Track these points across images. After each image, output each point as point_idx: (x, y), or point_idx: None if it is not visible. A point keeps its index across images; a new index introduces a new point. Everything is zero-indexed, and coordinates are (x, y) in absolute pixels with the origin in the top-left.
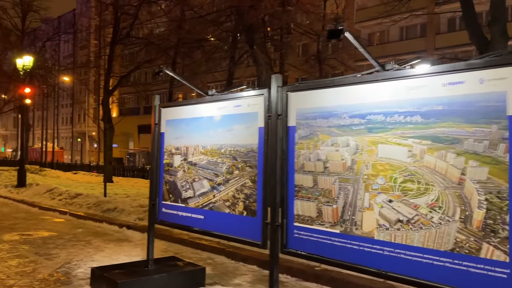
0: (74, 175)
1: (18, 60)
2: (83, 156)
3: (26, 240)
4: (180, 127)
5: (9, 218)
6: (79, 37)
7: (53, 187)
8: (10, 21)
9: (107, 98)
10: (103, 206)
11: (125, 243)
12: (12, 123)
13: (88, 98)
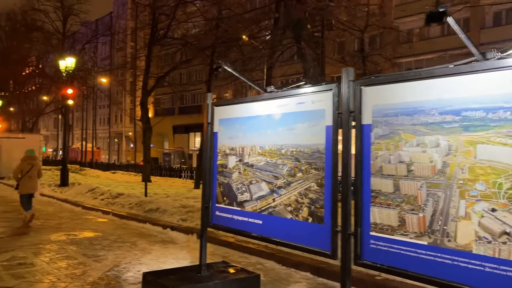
0: (113, 175)
1: (61, 62)
2: (119, 156)
3: (73, 241)
4: (235, 126)
5: (55, 217)
6: (116, 39)
7: (95, 186)
8: (52, 24)
9: (146, 99)
10: (145, 206)
11: (171, 245)
12: (53, 124)
13: (125, 99)
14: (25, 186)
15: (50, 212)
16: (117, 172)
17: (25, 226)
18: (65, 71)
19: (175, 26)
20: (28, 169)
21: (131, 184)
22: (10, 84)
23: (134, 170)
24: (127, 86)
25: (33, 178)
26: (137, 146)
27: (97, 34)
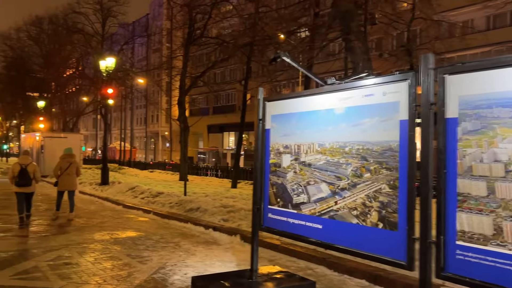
0: (151, 173)
1: (101, 62)
2: (156, 155)
3: (116, 240)
4: (290, 123)
5: (97, 216)
6: (152, 40)
7: (135, 185)
8: (92, 26)
9: (183, 98)
10: (186, 205)
11: (214, 246)
12: (92, 124)
13: (161, 99)
14: (64, 183)
15: (92, 211)
16: (154, 171)
17: (57, 220)
18: (105, 71)
19: (211, 26)
20: (66, 166)
21: (169, 183)
22: (52, 86)
23: (171, 169)
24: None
25: (71, 176)
26: (173, 145)
27: (134, 35)
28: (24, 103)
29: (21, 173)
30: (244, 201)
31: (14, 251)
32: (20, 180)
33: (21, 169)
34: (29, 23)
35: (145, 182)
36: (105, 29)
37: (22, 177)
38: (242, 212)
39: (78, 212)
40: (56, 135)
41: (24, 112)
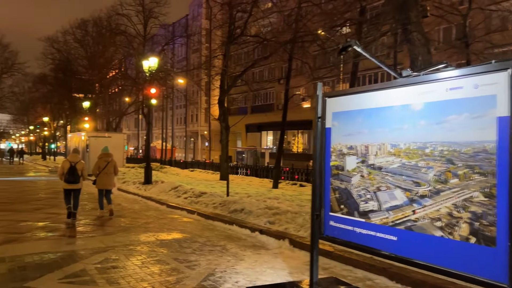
0: (191, 172)
1: (144, 62)
2: (195, 154)
3: (162, 243)
4: (356, 121)
5: (141, 216)
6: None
7: (177, 184)
8: (134, 28)
9: (223, 98)
10: (230, 206)
11: (263, 251)
12: (133, 124)
13: (201, 99)
14: (102, 182)
15: (137, 210)
16: (195, 170)
17: (103, 219)
18: (148, 71)
19: (250, 24)
20: (104, 166)
21: (210, 182)
22: (96, 87)
23: (211, 168)
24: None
25: (109, 175)
26: (212, 144)
27: (174, 36)
28: (70, 104)
29: (70, 171)
30: (288, 202)
31: (62, 252)
32: (69, 177)
33: (70, 166)
34: (75, 26)
35: (187, 181)
36: (146, 30)
37: (71, 174)
38: (289, 215)
39: (123, 211)
40: (100, 135)
41: (70, 113)
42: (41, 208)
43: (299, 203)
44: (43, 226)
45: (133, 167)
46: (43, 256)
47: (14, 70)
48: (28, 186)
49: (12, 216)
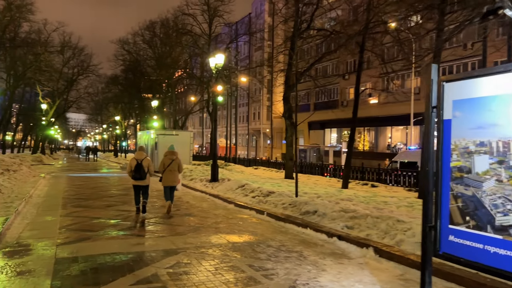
0: (255, 170)
1: (210, 60)
2: (257, 152)
3: (234, 246)
4: (488, 110)
5: (210, 215)
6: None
7: (244, 183)
8: (199, 27)
9: (288, 94)
10: (301, 207)
11: (345, 261)
12: (198, 122)
13: (263, 97)
14: (167, 179)
15: (205, 209)
16: (259, 168)
17: (171, 217)
18: (215, 68)
19: (316, 17)
20: (169, 163)
21: (276, 181)
22: (163, 87)
23: (274, 166)
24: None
25: (173, 172)
26: (274, 142)
27: (237, 34)
28: (140, 103)
29: (137, 167)
30: (364, 205)
31: (134, 253)
32: (136, 173)
33: (137, 163)
34: (143, 27)
35: (252, 179)
36: (211, 29)
37: (138, 171)
38: (369, 220)
39: (192, 210)
40: (168, 133)
41: (139, 112)
42: (113, 205)
43: (375, 205)
44: (115, 224)
45: (199, 165)
46: (115, 257)
47: (88, 72)
48: (101, 183)
49: (86, 213)
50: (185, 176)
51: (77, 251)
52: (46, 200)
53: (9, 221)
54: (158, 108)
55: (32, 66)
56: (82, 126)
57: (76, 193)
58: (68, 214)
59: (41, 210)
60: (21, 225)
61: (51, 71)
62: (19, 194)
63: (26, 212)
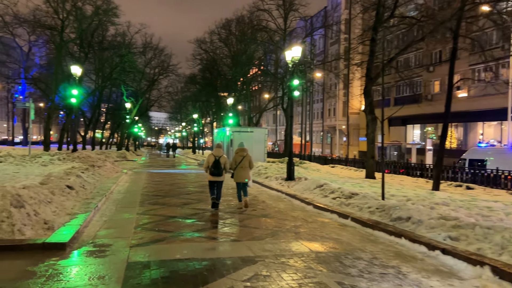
0: (332, 169)
1: (287, 53)
2: (332, 149)
3: (318, 256)
4: None
5: (288, 217)
6: (332, 31)
7: (322, 182)
8: (275, 22)
9: (370, 87)
10: (391, 212)
11: (456, 282)
12: (272, 119)
13: (338, 92)
14: (238, 175)
15: (282, 210)
16: (335, 166)
17: (248, 218)
18: (291, 62)
19: (401, 5)
20: (240, 160)
21: (356, 180)
22: (238, 85)
23: (353, 165)
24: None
25: (244, 169)
26: (350, 139)
27: (313, 28)
28: (216, 101)
29: (215, 164)
30: (465, 210)
31: (208, 261)
32: (214, 170)
33: (215, 160)
34: (220, 26)
35: (330, 178)
36: (286, 24)
37: (216, 167)
38: (478, 230)
39: (268, 210)
40: (243, 130)
41: (216, 110)
42: (189, 203)
43: (478, 212)
44: (190, 224)
45: (274, 162)
46: (188, 264)
47: (168, 72)
48: (178, 179)
49: (162, 211)
50: (260, 174)
51: (150, 254)
52: (126, 196)
53: (88, 218)
54: (233, 105)
55: (117, 67)
56: (163, 124)
57: (155, 189)
58: (145, 211)
59: (119, 207)
60: (99, 222)
61: (134, 72)
62: (100, 190)
63: (105, 208)
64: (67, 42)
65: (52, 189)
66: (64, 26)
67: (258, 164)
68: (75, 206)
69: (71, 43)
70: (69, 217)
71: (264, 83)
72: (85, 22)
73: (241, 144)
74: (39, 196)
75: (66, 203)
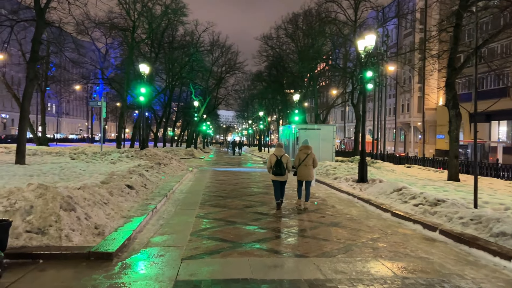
0: (409, 169)
1: (359, 42)
2: (406, 148)
3: (406, 284)
4: None
5: (363, 226)
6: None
7: (401, 186)
8: (344, 13)
9: (453, 79)
10: (491, 226)
11: None
12: (340, 116)
13: (413, 87)
14: (302, 173)
15: (355, 217)
16: (412, 166)
17: (317, 227)
18: (364, 52)
19: None
20: (303, 157)
21: (437, 183)
22: (305, 81)
23: (431, 165)
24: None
25: (308, 167)
26: (426, 137)
27: (385, 19)
28: (282, 98)
29: (277, 163)
30: None
31: (268, 283)
32: (276, 169)
33: (276, 159)
34: (286, 21)
35: (407, 180)
36: (357, 15)
37: (278, 166)
38: None
39: (339, 217)
40: (310, 127)
41: (282, 107)
42: (251, 206)
43: None
44: (251, 232)
45: (342, 161)
46: (245, 286)
47: (235, 69)
48: (242, 178)
49: (222, 214)
50: (328, 175)
51: (202, 271)
52: (187, 196)
53: (143, 222)
54: (299, 102)
55: (186, 65)
56: (231, 122)
57: (217, 189)
58: (204, 215)
59: (179, 209)
60: (155, 227)
61: (202, 71)
62: (162, 189)
63: (163, 210)
64: (138, 42)
65: (111, 189)
66: (136, 26)
67: (326, 163)
68: (133, 208)
69: (142, 44)
70: (124, 220)
71: (332, 79)
72: (155, 22)
73: (306, 142)
74: (95, 197)
75: (123, 204)
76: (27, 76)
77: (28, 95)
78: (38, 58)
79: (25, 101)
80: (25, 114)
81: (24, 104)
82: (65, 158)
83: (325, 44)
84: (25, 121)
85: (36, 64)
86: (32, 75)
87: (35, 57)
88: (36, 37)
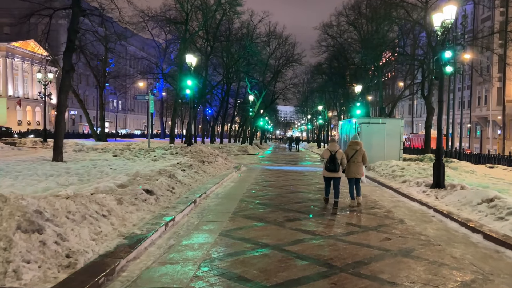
0: (491, 170)
1: (434, 17)
2: (482, 144)
3: None
4: None
5: (445, 258)
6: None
7: (492, 195)
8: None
9: None
10: None
11: None
12: (408, 110)
13: (492, 77)
14: (350, 171)
15: (432, 240)
16: (495, 166)
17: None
18: (441, 28)
19: None
20: (352, 154)
21: None
22: (369, 73)
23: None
24: (495, 61)
25: (356, 164)
26: (507, 133)
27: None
28: (344, 92)
29: (331, 159)
30: None
31: None
32: (329, 165)
33: (330, 155)
34: (347, 7)
35: (494, 185)
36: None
37: (331, 162)
38: None
39: (410, 241)
40: (373, 121)
41: (343, 101)
42: (295, 219)
43: None
44: (284, 265)
45: (411, 160)
46: None
47: (293, 61)
48: (293, 179)
49: (254, 232)
50: (395, 177)
51: None
52: (221, 202)
53: (146, 242)
54: (361, 94)
55: (241, 58)
56: (290, 117)
57: (259, 193)
58: (230, 231)
59: (203, 221)
60: (160, 250)
61: (258, 64)
62: (193, 193)
63: (183, 224)
64: (192, 35)
65: (122, 195)
66: (189, 19)
67: (392, 163)
68: (143, 220)
69: (196, 37)
70: (118, 241)
71: (399, 69)
72: (209, 13)
73: (355, 137)
74: (87, 209)
75: (132, 215)
76: (63, 68)
77: (64, 88)
78: (74, 48)
79: (62, 94)
80: (62, 109)
81: (61, 97)
82: (107, 155)
83: (391, 30)
84: (61, 115)
85: (71, 54)
86: (68, 66)
87: (71, 47)
88: (72, 25)
